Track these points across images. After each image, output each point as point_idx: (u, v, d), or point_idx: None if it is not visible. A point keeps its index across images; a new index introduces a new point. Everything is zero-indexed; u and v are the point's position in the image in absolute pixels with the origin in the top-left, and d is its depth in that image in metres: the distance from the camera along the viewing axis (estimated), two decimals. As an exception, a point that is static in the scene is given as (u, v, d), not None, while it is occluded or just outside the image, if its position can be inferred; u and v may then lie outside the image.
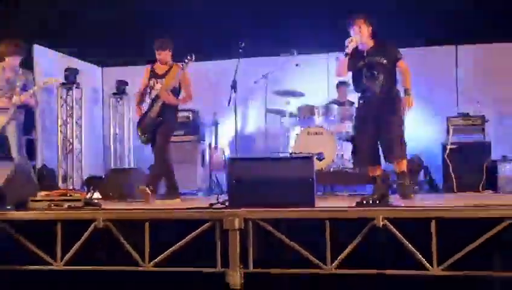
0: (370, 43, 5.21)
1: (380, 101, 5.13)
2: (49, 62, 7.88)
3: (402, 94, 5.20)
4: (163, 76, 5.88)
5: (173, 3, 7.58)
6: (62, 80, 6.92)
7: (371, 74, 5.12)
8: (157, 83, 5.86)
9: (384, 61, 5.13)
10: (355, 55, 5.18)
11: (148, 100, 5.90)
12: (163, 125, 5.79)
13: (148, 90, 5.90)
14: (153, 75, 5.92)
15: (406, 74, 5.17)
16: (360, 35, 5.14)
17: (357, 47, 5.16)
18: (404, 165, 5.16)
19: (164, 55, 5.86)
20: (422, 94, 7.61)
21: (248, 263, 3.90)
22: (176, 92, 5.88)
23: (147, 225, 4.07)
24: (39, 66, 7.55)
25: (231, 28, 7.35)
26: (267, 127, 7.88)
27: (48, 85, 6.57)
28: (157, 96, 5.79)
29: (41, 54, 7.69)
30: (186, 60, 5.75)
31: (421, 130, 7.62)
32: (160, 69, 5.94)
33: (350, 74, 5.39)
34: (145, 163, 6.76)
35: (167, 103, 5.77)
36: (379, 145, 5.18)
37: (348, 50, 5.10)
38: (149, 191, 5.48)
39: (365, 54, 5.19)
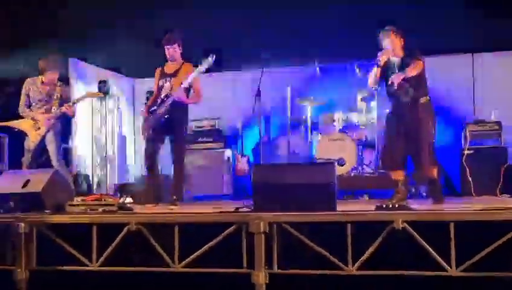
0: (401, 54, 5.28)
1: (409, 110, 5.19)
2: (84, 74, 8.18)
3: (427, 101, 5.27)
4: (173, 75, 5.74)
5: (197, 15, 7.79)
6: (96, 91, 7.21)
7: (400, 84, 5.18)
8: (166, 82, 5.73)
9: None
10: (387, 66, 5.28)
11: (159, 100, 5.77)
12: (177, 127, 5.69)
13: (159, 90, 5.80)
14: (163, 75, 5.80)
15: (414, 67, 5.14)
16: (391, 48, 5.24)
17: (388, 58, 5.27)
18: (434, 172, 5.25)
19: (172, 51, 5.72)
20: (440, 101, 7.74)
21: (272, 264, 4.00)
22: (186, 91, 5.75)
23: (176, 228, 4.19)
24: (74, 78, 7.87)
25: (256, 40, 7.54)
26: (289, 134, 8.06)
27: (88, 98, 6.80)
28: (167, 96, 5.66)
29: (77, 67, 7.98)
30: (210, 58, 5.59)
31: (439, 136, 7.67)
32: (169, 68, 5.81)
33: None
34: (168, 169, 6.87)
35: (178, 101, 5.62)
36: (405, 152, 5.28)
37: (380, 62, 5.21)
38: (177, 204, 5.52)
39: (396, 65, 5.27)
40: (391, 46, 5.25)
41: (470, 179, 6.64)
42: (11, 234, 4.43)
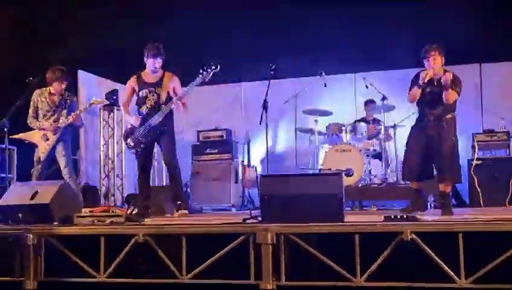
0: (441, 72, 5.30)
1: (435, 126, 5.28)
2: (92, 86, 8.25)
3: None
4: (156, 85, 5.67)
5: (205, 26, 7.85)
6: (105, 101, 7.24)
7: (432, 102, 5.28)
8: (149, 92, 5.65)
9: None
10: (427, 84, 5.31)
11: (144, 110, 5.67)
12: (166, 136, 5.64)
13: (141, 100, 5.69)
14: (142, 84, 5.70)
15: (450, 95, 5.22)
16: (434, 67, 5.27)
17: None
18: (449, 187, 5.32)
19: (157, 63, 5.66)
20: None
21: (280, 275, 3.98)
22: (170, 99, 5.68)
23: (183, 239, 4.19)
24: (83, 89, 7.95)
25: (263, 51, 7.58)
26: (297, 145, 8.06)
27: (94, 106, 6.83)
28: (158, 106, 5.61)
29: (85, 79, 8.06)
30: (210, 69, 5.56)
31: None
32: (149, 77, 5.73)
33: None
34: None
35: (179, 111, 5.61)
36: (427, 164, 5.37)
37: (422, 83, 5.24)
38: (186, 211, 5.55)
39: (434, 83, 5.31)
40: (434, 64, 5.28)
41: (479, 189, 6.61)
42: (20, 245, 4.45)
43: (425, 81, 5.21)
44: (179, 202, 5.58)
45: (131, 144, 5.69)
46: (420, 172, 5.40)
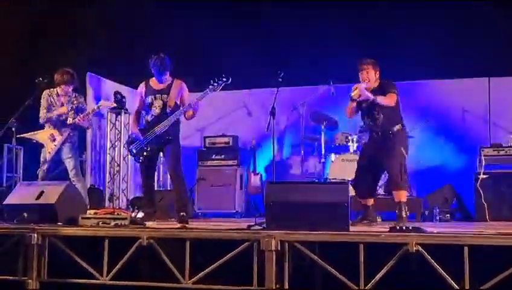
0: (375, 84, 5.48)
1: (380, 138, 5.42)
2: (101, 88, 8.30)
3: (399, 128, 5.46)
4: (164, 91, 5.57)
5: (213, 33, 7.88)
6: (113, 104, 7.26)
7: (372, 113, 5.41)
8: (155, 98, 5.54)
9: None
10: (362, 99, 5.43)
11: (149, 117, 5.58)
12: (171, 146, 5.50)
13: (147, 107, 5.59)
14: (150, 91, 5.61)
15: (386, 98, 5.34)
16: (367, 80, 5.43)
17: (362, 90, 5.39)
18: (401, 196, 5.36)
19: (164, 75, 5.55)
20: (455, 124, 7.74)
21: (283, 282, 3.97)
22: (177, 107, 5.59)
23: (187, 244, 4.20)
24: (91, 92, 7.99)
25: (271, 58, 7.60)
26: (303, 153, 8.06)
27: (102, 108, 6.84)
28: (165, 114, 5.50)
29: (94, 81, 8.09)
30: (221, 81, 5.50)
31: (454, 160, 7.70)
32: (157, 84, 5.62)
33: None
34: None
35: (187, 119, 5.53)
36: (372, 182, 5.63)
37: (354, 96, 5.39)
38: (187, 221, 5.40)
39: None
40: (367, 78, 5.44)
41: (485, 204, 6.57)
42: (24, 244, 4.46)
43: (354, 94, 5.35)
44: (182, 214, 5.43)
45: (134, 151, 5.62)
46: (365, 191, 5.62)
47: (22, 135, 6.12)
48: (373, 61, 5.52)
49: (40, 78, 6.06)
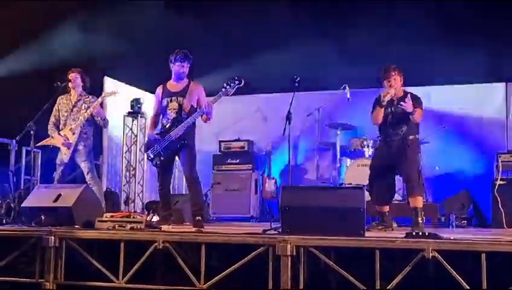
0: (400, 92, 5.42)
1: (396, 144, 5.38)
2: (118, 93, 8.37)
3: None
4: (179, 94, 5.50)
5: (230, 37, 7.90)
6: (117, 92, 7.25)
7: (395, 122, 5.38)
8: (171, 101, 5.48)
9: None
10: (388, 104, 5.40)
11: (165, 121, 5.52)
12: (186, 150, 5.44)
13: (164, 109, 5.53)
14: (166, 93, 5.55)
15: (419, 115, 5.35)
16: (394, 87, 5.37)
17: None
18: (417, 202, 5.30)
19: (183, 68, 5.48)
20: (472, 130, 7.68)
21: (298, 287, 3.96)
22: (194, 110, 5.50)
23: (203, 247, 4.20)
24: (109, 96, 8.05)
25: (287, 63, 7.61)
26: (318, 158, 8.05)
27: (106, 98, 6.67)
28: (180, 117, 5.43)
29: (111, 85, 8.12)
30: (233, 84, 5.42)
31: (471, 166, 7.64)
32: (173, 86, 5.57)
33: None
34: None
35: (204, 121, 5.46)
36: (388, 188, 5.56)
37: (384, 103, 5.34)
38: (203, 225, 5.32)
39: (394, 103, 5.39)
40: (394, 85, 5.38)
41: (502, 210, 6.50)
42: (41, 247, 4.50)
43: (386, 100, 5.30)
44: (197, 218, 5.36)
45: (151, 155, 5.57)
46: (381, 198, 5.57)
47: (40, 144, 6.15)
48: (398, 67, 5.47)
49: (58, 83, 6.12)
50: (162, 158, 5.51)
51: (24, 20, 7.06)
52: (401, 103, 5.21)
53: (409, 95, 5.29)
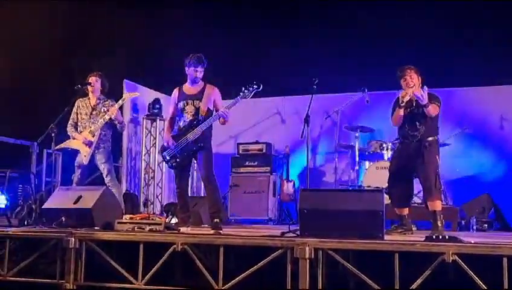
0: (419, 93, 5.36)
1: (414, 146, 5.34)
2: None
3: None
4: (195, 97, 5.52)
5: (249, 39, 7.92)
6: (136, 93, 7.29)
7: (414, 124, 5.34)
8: (187, 104, 5.51)
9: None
10: (407, 104, 5.35)
11: (181, 124, 5.54)
12: (203, 153, 5.45)
13: (180, 112, 5.55)
14: (182, 96, 5.57)
15: (434, 110, 5.27)
16: (412, 85, 5.33)
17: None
18: (436, 205, 5.25)
19: (198, 72, 5.50)
20: (493, 132, 7.58)
21: (317, 290, 3.97)
22: (210, 113, 5.52)
23: (221, 249, 4.21)
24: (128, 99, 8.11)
25: (306, 66, 7.60)
26: (337, 160, 8.02)
27: (126, 100, 6.78)
28: (197, 119, 5.45)
29: (130, 88, 8.17)
30: (252, 88, 5.42)
31: (492, 169, 7.55)
32: (189, 89, 5.59)
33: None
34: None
35: (221, 124, 5.46)
36: (408, 188, 5.52)
37: (403, 103, 5.29)
38: (221, 227, 5.33)
39: (413, 104, 5.35)
40: (412, 83, 5.34)
41: (524, 213, 6.43)
42: (61, 248, 4.55)
43: (405, 100, 5.24)
44: (215, 220, 5.37)
45: (167, 157, 5.60)
46: (401, 200, 5.53)
47: (59, 147, 6.20)
48: (414, 66, 5.45)
49: (79, 85, 6.18)
50: (178, 160, 5.53)
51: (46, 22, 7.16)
52: (415, 92, 5.14)
53: (425, 87, 5.22)
